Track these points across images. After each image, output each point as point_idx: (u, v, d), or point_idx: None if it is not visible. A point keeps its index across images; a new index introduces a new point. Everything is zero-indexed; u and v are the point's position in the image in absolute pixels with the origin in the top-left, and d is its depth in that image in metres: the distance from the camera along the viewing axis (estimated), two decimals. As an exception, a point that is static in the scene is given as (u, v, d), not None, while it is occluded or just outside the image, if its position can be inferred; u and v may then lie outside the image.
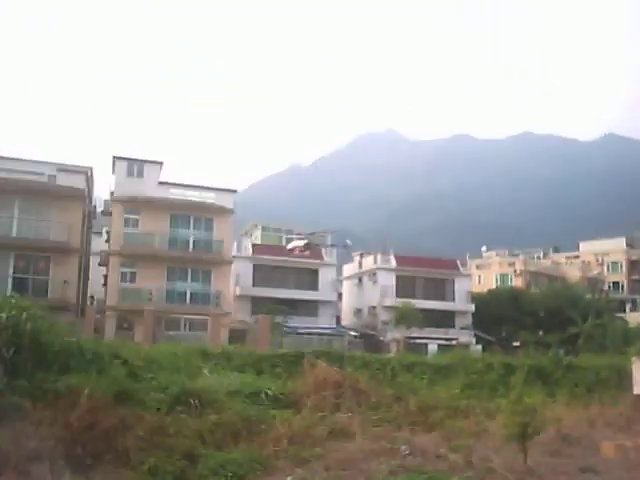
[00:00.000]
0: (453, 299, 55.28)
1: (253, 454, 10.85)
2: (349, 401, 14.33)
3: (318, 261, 51.21)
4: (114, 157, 39.00)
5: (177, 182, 40.34)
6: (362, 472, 10.10)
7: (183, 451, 10.55)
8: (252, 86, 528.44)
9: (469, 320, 55.03)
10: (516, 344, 47.86)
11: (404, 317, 46.19)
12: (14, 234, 34.45)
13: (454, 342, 46.13)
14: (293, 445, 11.37)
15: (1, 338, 12.32)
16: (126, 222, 37.94)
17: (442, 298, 54.64)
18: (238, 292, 46.32)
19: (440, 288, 55.56)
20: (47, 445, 9.69)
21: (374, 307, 54.27)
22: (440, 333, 49.89)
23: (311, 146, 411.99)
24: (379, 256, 56.42)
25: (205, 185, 40.77)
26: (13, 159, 36.84)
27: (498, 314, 54.85)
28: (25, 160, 37.18)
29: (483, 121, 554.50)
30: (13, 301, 14.52)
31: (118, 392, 12.32)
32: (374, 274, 56.07)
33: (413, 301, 48.78)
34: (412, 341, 40.68)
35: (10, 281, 33.31)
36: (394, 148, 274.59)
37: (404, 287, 53.17)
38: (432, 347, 43.53)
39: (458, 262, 58.59)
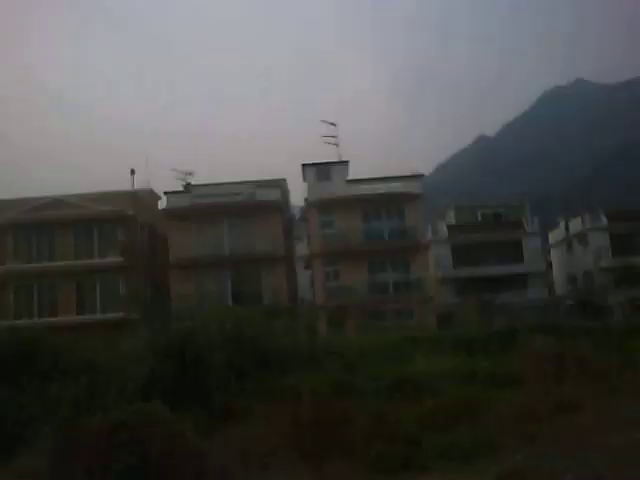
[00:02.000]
0: (682, 250, 49.30)
1: (477, 435, 10.66)
2: (573, 373, 13.46)
3: (519, 232, 48.92)
4: (303, 165, 40.70)
5: (364, 177, 41.01)
6: (598, 447, 9.34)
7: (405, 437, 10.69)
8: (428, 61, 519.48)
9: None
10: None
11: (625, 278, 42.24)
12: (227, 252, 37.65)
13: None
14: (517, 423, 10.97)
15: (227, 346, 13.57)
16: (322, 224, 39.40)
17: (668, 251, 49.02)
18: (440, 275, 45.87)
19: (664, 240, 49.89)
20: (280, 440, 10.44)
21: (589, 272, 50.45)
22: (672, 290, 44.79)
23: (494, 114, 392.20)
24: (587, 216, 52.34)
25: (392, 175, 40.91)
26: (216, 184, 40.22)
27: None
28: (225, 183, 40.33)
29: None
30: (233, 312, 15.95)
31: (336, 385, 12.89)
32: (584, 236, 52.11)
33: (633, 259, 44.41)
34: (638, 303, 37.12)
35: (229, 294, 36.53)
36: (587, 98, 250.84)
37: (620, 245, 48.58)
38: (664, 306, 39.26)
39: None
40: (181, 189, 40.03)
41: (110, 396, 12.12)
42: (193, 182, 40.69)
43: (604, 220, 50.46)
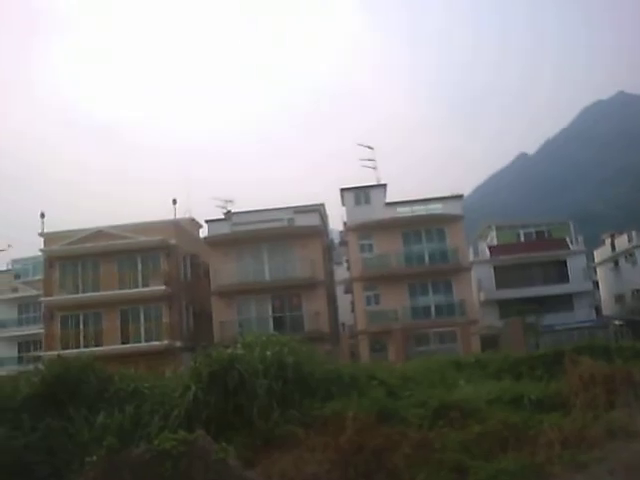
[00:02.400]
0: None
1: (525, 462, 10.37)
2: (624, 396, 13.01)
3: (564, 251, 47.96)
4: (341, 189, 40.94)
5: (402, 200, 40.98)
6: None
7: (451, 465, 10.47)
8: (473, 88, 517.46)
9: None
10: None
11: (677, 296, 41.00)
12: (267, 278, 37.93)
13: None
14: (567, 449, 10.63)
15: (269, 373, 13.56)
16: (362, 248, 39.44)
17: None
18: (482, 298, 45.24)
19: None
20: (323, 469, 10.34)
21: (638, 290, 49.06)
22: None
23: (534, 132, 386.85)
24: (633, 233, 51.09)
25: (431, 197, 40.76)
26: (256, 211, 40.76)
27: None
28: (265, 210, 40.85)
29: None
30: (274, 339, 15.98)
31: (380, 412, 12.72)
32: (631, 254, 50.83)
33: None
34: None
35: (271, 321, 36.72)
36: (629, 111, 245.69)
37: (671, 262, 47.30)
38: None
39: None
40: (222, 217, 40.62)
41: (154, 425, 12.24)
42: (233, 210, 41.34)
43: (652, 236, 49.23)
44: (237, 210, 41.25)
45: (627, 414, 11.92)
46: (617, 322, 47.10)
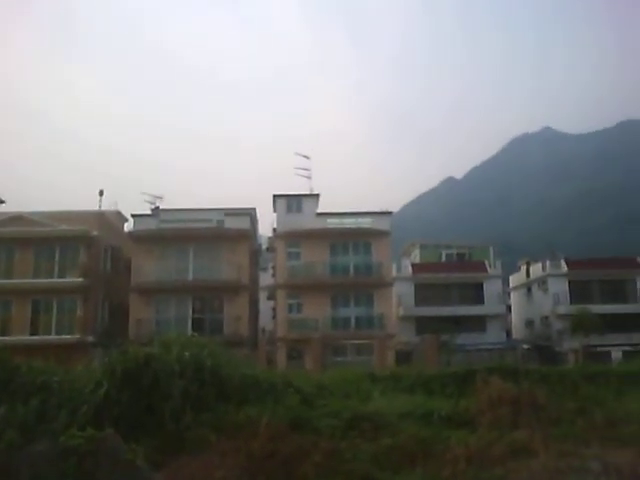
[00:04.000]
0: (636, 301, 50.66)
1: (431, 476, 10.66)
2: (527, 417, 13.59)
3: (482, 274, 49.72)
4: (274, 195, 40.93)
5: (333, 211, 41.37)
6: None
7: (360, 476, 10.61)
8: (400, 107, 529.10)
9: (659, 322, 49.94)
10: None
11: (581, 325, 43.18)
12: (190, 278, 37.36)
13: (643, 347, 42.16)
14: (472, 466, 11.00)
15: (186, 374, 13.35)
16: (289, 256, 39.54)
17: (623, 301, 50.25)
18: (401, 313, 46.21)
19: (620, 290, 51.15)
20: (233, 474, 10.25)
21: (547, 317, 51.40)
22: (624, 339, 45.83)
23: (463, 157, 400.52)
24: (547, 262, 53.53)
25: (361, 211, 41.36)
26: (185, 210, 40.14)
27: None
28: (195, 209, 40.31)
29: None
30: (194, 340, 15.75)
31: (293, 420, 12.76)
32: (544, 282, 53.21)
33: (590, 307, 45.53)
34: (592, 350, 37.83)
35: (190, 321, 36.17)
36: (553, 146, 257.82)
37: (578, 292, 49.75)
38: (616, 355, 40.23)
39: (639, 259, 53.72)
40: (149, 213, 39.77)
41: (61, 421, 11.79)
42: (162, 207, 40.56)
43: (564, 267, 51.68)
44: (166, 207, 40.53)
45: (529, 434, 12.45)
46: (525, 346, 49.15)
